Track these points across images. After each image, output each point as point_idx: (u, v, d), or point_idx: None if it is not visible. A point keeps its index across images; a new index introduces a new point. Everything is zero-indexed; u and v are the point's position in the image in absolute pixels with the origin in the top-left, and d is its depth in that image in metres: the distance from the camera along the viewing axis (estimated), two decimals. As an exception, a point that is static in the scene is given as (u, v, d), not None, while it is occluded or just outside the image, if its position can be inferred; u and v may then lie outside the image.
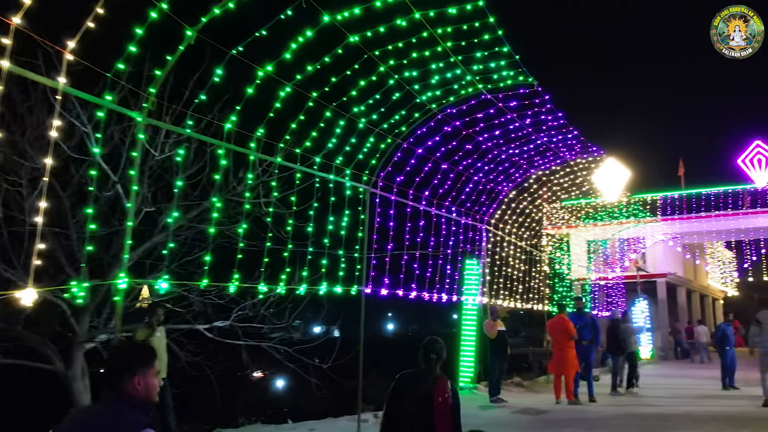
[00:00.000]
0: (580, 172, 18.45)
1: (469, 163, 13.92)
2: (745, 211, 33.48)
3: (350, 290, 10.83)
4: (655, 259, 36.10)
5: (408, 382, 5.26)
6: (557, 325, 14.18)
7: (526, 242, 19.58)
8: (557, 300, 24.96)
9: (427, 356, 5.29)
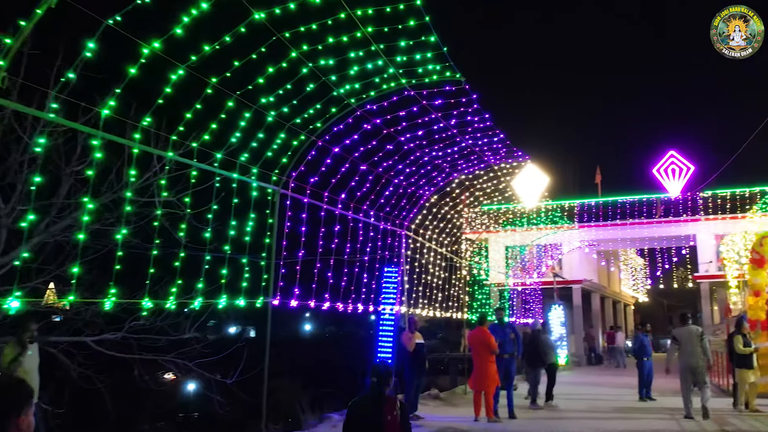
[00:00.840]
0: (503, 177, 17.90)
1: (390, 165, 13.00)
2: (658, 219, 34.12)
3: (255, 302, 9.70)
4: (572, 266, 36.38)
5: (358, 407, 5.53)
6: (478, 338, 13.42)
7: (447, 248, 18.87)
8: (476, 307, 24.49)
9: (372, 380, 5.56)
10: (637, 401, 17.30)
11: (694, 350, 13.51)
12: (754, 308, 19.25)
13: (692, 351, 13.51)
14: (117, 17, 5.72)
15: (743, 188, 32.86)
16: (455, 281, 19.76)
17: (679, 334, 14.00)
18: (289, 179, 10.55)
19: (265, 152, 9.47)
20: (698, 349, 13.51)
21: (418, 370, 13.99)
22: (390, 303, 15.57)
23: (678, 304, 60.51)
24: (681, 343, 13.77)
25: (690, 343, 13.59)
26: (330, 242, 12.02)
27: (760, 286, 19.17)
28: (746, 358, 14.88)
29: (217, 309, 9.49)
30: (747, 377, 14.80)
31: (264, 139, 9.24)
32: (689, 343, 13.59)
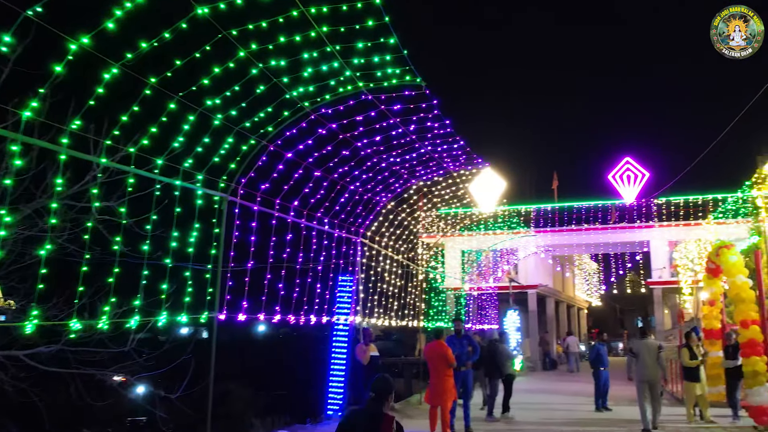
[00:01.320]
0: (462, 184, 17.52)
1: (346, 171, 12.44)
2: (613, 225, 34.30)
3: (199, 318, 9.06)
4: (527, 271, 36.35)
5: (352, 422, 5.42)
6: (435, 351, 12.93)
7: (403, 255, 18.41)
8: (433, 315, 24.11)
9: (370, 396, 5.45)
10: (593, 411, 17.16)
11: (651, 363, 13.71)
12: (709, 317, 19.27)
13: (650, 364, 13.71)
14: (38, 8, 5.06)
15: (696, 196, 33.23)
16: (412, 288, 19.33)
17: (637, 347, 14.18)
18: (237, 186, 9.93)
19: (211, 158, 8.84)
20: (655, 363, 13.76)
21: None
22: (344, 313, 15.04)
23: (629, 308, 61.43)
24: (639, 356, 13.93)
25: (648, 356, 13.78)
26: (281, 251, 11.44)
27: (715, 295, 19.20)
28: (692, 371, 14.86)
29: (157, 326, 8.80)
30: (693, 390, 14.83)
31: (210, 144, 8.60)
32: (647, 357, 13.78)
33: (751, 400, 14.26)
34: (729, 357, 14.86)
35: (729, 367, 14.82)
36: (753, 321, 15.09)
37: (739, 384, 14.82)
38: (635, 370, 14.11)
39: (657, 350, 13.89)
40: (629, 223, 34.10)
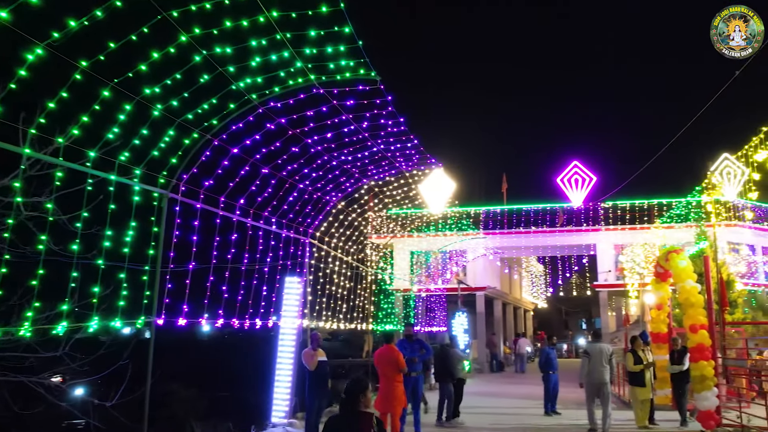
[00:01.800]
0: (414, 184, 17.15)
1: (295, 169, 11.90)
2: (561, 228, 34.55)
3: (135, 324, 8.43)
4: (475, 272, 36.30)
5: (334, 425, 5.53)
6: (386, 357, 12.52)
7: (353, 256, 17.95)
8: (382, 317, 23.71)
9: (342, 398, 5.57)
10: (542, 416, 17.03)
11: (602, 368, 13.79)
12: (656, 321, 19.36)
13: (600, 369, 13.79)
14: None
15: (642, 200, 33.73)
16: (361, 290, 18.90)
17: (591, 350, 14.20)
18: (179, 182, 9.32)
19: (150, 151, 8.21)
20: (606, 368, 13.82)
21: (319, 390, 12.99)
22: (292, 316, 14.50)
23: (574, 310, 62.29)
24: (590, 359, 13.98)
25: (599, 360, 13.86)
26: (226, 252, 10.85)
27: (663, 299, 19.30)
28: (637, 376, 14.78)
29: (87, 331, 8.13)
30: (637, 395, 14.72)
31: (149, 137, 7.98)
32: (598, 361, 13.86)
33: (699, 404, 14.26)
34: (675, 362, 14.85)
35: (675, 372, 14.85)
36: (701, 325, 15.13)
37: (686, 389, 14.86)
38: (586, 372, 14.07)
39: (609, 356, 13.97)
40: (576, 226, 34.42)
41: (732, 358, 16.05)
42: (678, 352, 14.84)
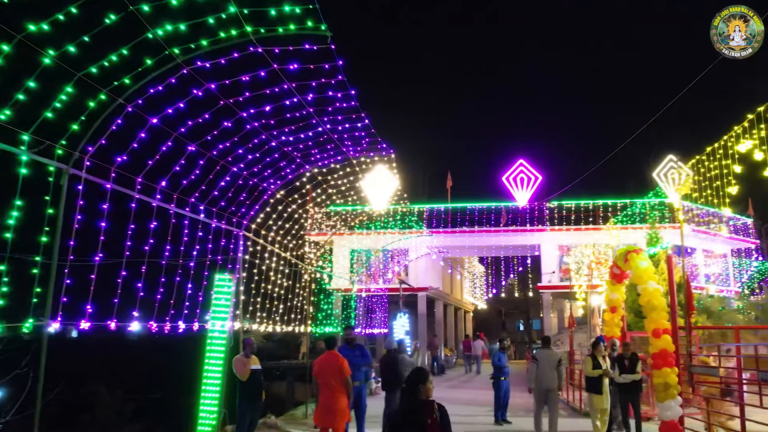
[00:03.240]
0: (362, 174, 15.67)
1: (228, 148, 10.26)
2: (505, 228, 33.73)
3: (21, 327, 6.74)
4: (417, 272, 35.13)
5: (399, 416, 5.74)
6: (328, 365, 11.02)
7: (291, 253, 16.36)
8: (321, 319, 22.17)
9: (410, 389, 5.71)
10: (492, 424, 16.00)
11: (550, 374, 13.81)
12: (610, 324, 18.50)
13: (549, 375, 13.81)
14: None
15: (588, 201, 33.21)
16: (299, 290, 17.33)
17: (540, 355, 14.19)
18: (83, 156, 7.64)
19: (42, 112, 6.52)
20: (554, 374, 13.83)
21: (252, 402, 11.47)
22: (222, 318, 12.85)
23: (513, 311, 62.02)
24: (539, 365, 13.99)
25: (548, 365, 13.88)
26: (142, 242, 9.18)
27: (617, 302, 18.44)
28: (595, 382, 13.68)
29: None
30: (595, 403, 13.63)
31: (39, 92, 6.30)
32: (546, 366, 13.88)
33: (662, 414, 13.30)
34: (627, 370, 13.57)
35: (627, 381, 13.52)
36: (665, 330, 14.21)
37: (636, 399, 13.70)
38: (534, 378, 14.05)
39: (557, 362, 13.97)
40: (521, 226, 33.69)
41: (700, 365, 15.18)
42: (630, 359, 13.66)
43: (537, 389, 13.91)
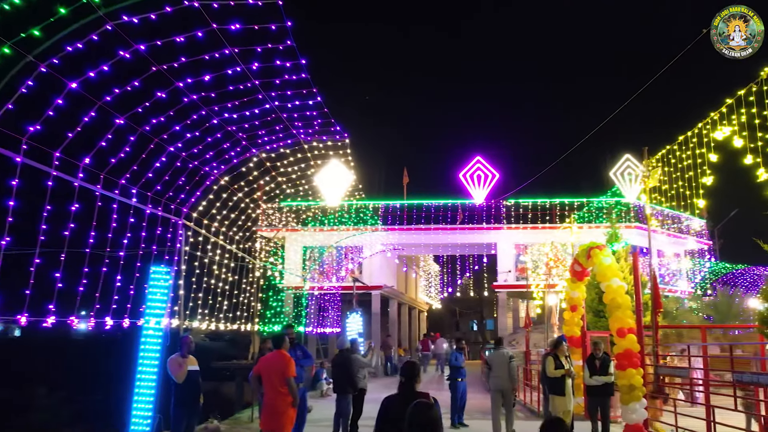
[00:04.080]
0: (315, 160, 14.63)
1: (162, 124, 9.16)
2: (462, 226, 33.08)
3: None
4: (372, 270, 34.23)
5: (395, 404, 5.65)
6: (274, 366, 10.01)
7: (238, 246, 15.25)
8: (270, 317, 21.10)
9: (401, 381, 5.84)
10: (449, 428, 15.20)
11: (503, 374, 13.60)
12: (570, 323, 17.94)
13: (502, 375, 13.61)
14: None
15: (545, 199, 32.79)
16: (246, 286, 16.26)
17: (491, 359, 14.01)
18: (-15, 123, 6.52)
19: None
20: (506, 373, 13.57)
21: (188, 407, 10.41)
22: (158, 315, 11.75)
23: (467, 311, 61.70)
24: (493, 367, 13.81)
25: (500, 367, 13.65)
26: (61, 227, 8.05)
27: (578, 300, 17.88)
28: (557, 383, 12.90)
29: None
30: (557, 405, 12.80)
31: None
32: (500, 367, 13.66)
33: (626, 417, 12.67)
34: (599, 371, 12.51)
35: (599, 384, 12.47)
36: (629, 329, 13.61)
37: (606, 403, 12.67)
38: (490, 380, 13.86)
39: (508, 360, 13.62)
40: (478, 224, 33.08)
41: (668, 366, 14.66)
42: (601, 360, 12.56)
43: (493, 390, 13.63)
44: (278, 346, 10.20)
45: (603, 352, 12.58)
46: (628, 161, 32.96)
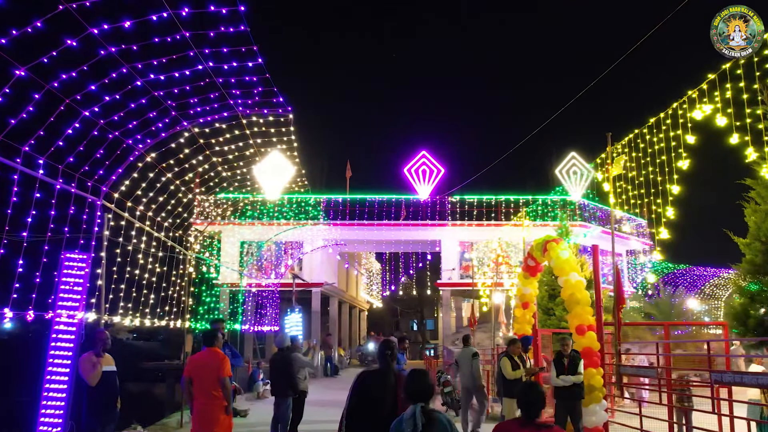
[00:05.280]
0: (253, 139, 13.28)
1: (76, 81, 7.75)
2: (406, 222, 32.14)
3: None
4: (312, 267, 32.96)
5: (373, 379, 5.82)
6: (206, 366, 8.75)
7: (168, 234, 13.82)
8: (203, 313, 19.63)
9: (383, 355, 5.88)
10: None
11: (468, 371, 13.66)
12: (521, 321, 17.13)
13: (467, 372, 13.68)
14: None
15: (490, 196, 32.17)
16: (176, 279, 14.84)
17: (459, 357, 14.12)
18: None
19: None
20: (470, 371, 13.60)
21: (104, 413, 9.06)
22: (71, 308, 10.31)
23: (408, 310, 60.91)
24: (460, 366, 13.92)
25: (466, 365, 13.72)
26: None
27: (530, 297, 17.10)
28: (514, 385, 11.94)
29: None
30: (513, 409, 11.80)
31: None
32: (465, 365, 13.73)
33: (587, 420, 11.83)
34: (567, 370, 11.11)
35: (566, 384, 11.05)
36: (589, 326, 12.85)
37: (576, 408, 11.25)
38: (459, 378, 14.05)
39: (470, 358, 13.61)
40: (422, 220, 32.20)
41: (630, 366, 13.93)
42: (570, 358, 11.24)
43: (462, 388, 13.87)
44: (210, 343, 8.95)
45: (572, 350, 11.41)
46: (574, 159, 32.69)
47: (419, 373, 5.13)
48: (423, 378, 5.03)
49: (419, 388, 4.90)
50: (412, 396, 4.87)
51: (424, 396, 4.87)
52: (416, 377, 5.01)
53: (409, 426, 4.66)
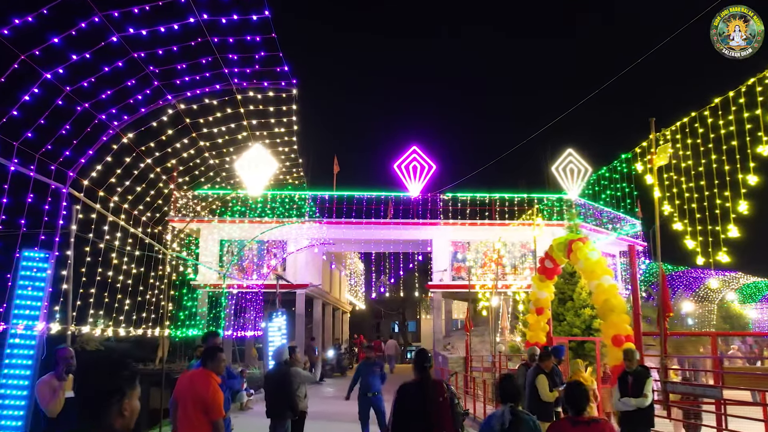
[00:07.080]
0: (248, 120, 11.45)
1: (32, 29, 6.07)
2: (395, 221, 30.53)
3: None
4: (296, 267, 31.22)
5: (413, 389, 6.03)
6: (191, 389, 7.09)
7: (145, 229, 12.06)
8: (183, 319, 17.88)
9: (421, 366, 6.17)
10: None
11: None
12: (535, 328, 15.70)
13: None
14: None
15: (484, 194, 30.69)
16: (155, 281, 13.12)
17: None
18: None
19: None
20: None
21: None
22: (29, 317, 8.58)
23: (391, 312, 59.27)
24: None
25: None
26: None
27: (545, 302, 15.67)
28: (548, 408, 10.38)
29: None
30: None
31: None
32: None
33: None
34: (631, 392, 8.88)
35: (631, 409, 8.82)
36: (627, 336, 11.41)
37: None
38: None
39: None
40: (413, 218, 30.61)
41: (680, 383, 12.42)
42: (634, 376, 9.00)
43: None
44: (205, 363, 7.20)
45: (638, 365, 9.33)
46: (571, 156, 31.41)
47: (508, 377, 5.82)
48: (511, 382, 5.68)
49: (509, 391, 5.54)
50: (503, 397, 5.50)
51: (514, 397, 5.49)
52: (506, 382, 5.67)
53: (498, 423, 5.28)
